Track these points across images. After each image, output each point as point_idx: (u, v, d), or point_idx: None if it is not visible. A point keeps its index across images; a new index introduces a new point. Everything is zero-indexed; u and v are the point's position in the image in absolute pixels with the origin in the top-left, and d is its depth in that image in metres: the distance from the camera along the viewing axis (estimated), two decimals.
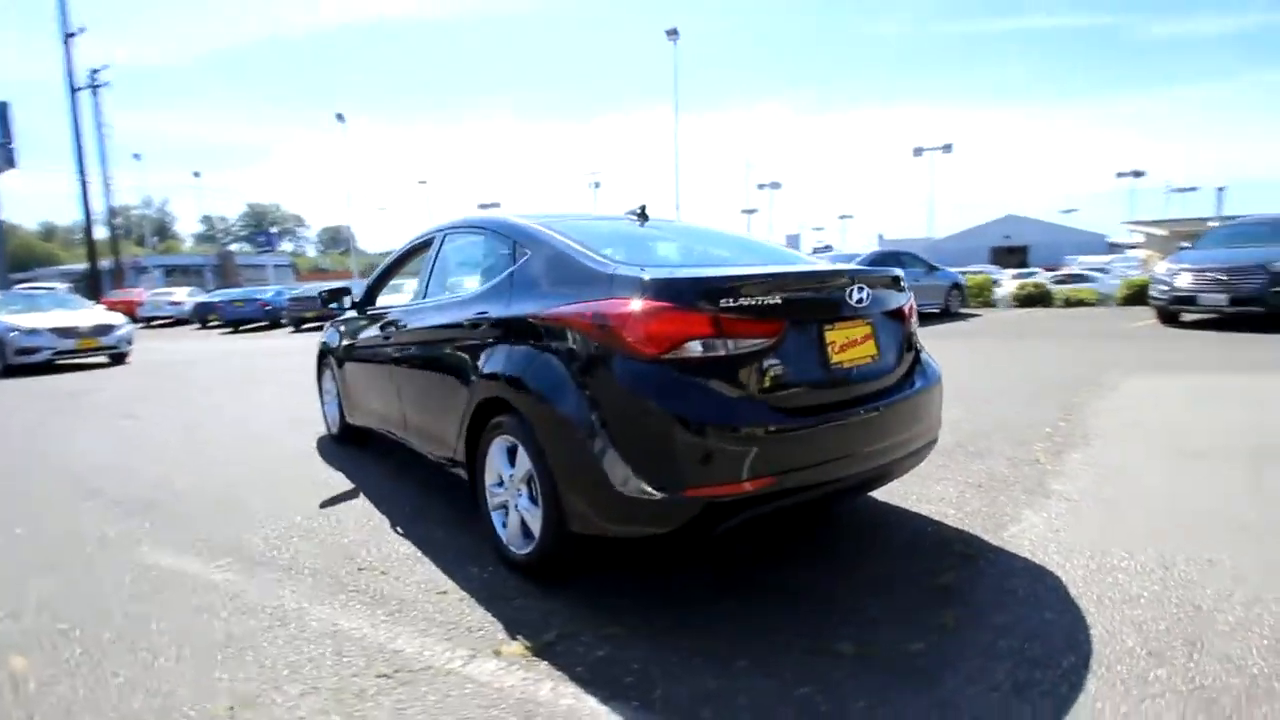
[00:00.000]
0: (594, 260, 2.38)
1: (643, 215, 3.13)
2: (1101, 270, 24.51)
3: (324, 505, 3.45)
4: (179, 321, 24.14)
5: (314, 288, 20.34)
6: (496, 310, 2.64)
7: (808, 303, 2.25)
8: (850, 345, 2.32)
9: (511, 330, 2.52)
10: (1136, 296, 13.94)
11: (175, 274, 39.94)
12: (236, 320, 20.32)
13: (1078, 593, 2.27)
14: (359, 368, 4.14)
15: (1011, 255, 48.53)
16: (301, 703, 1.85)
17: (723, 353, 2.03)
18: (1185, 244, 11.71)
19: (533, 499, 2.43)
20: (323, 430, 5.03)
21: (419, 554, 2.80)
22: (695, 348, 2.01)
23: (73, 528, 3.26)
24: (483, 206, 60.37)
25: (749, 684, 1.84)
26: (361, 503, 3.47)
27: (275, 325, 19.80)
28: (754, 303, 2.09)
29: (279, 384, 8.02)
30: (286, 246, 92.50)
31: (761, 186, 36.21)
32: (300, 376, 7.75)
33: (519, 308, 2.52)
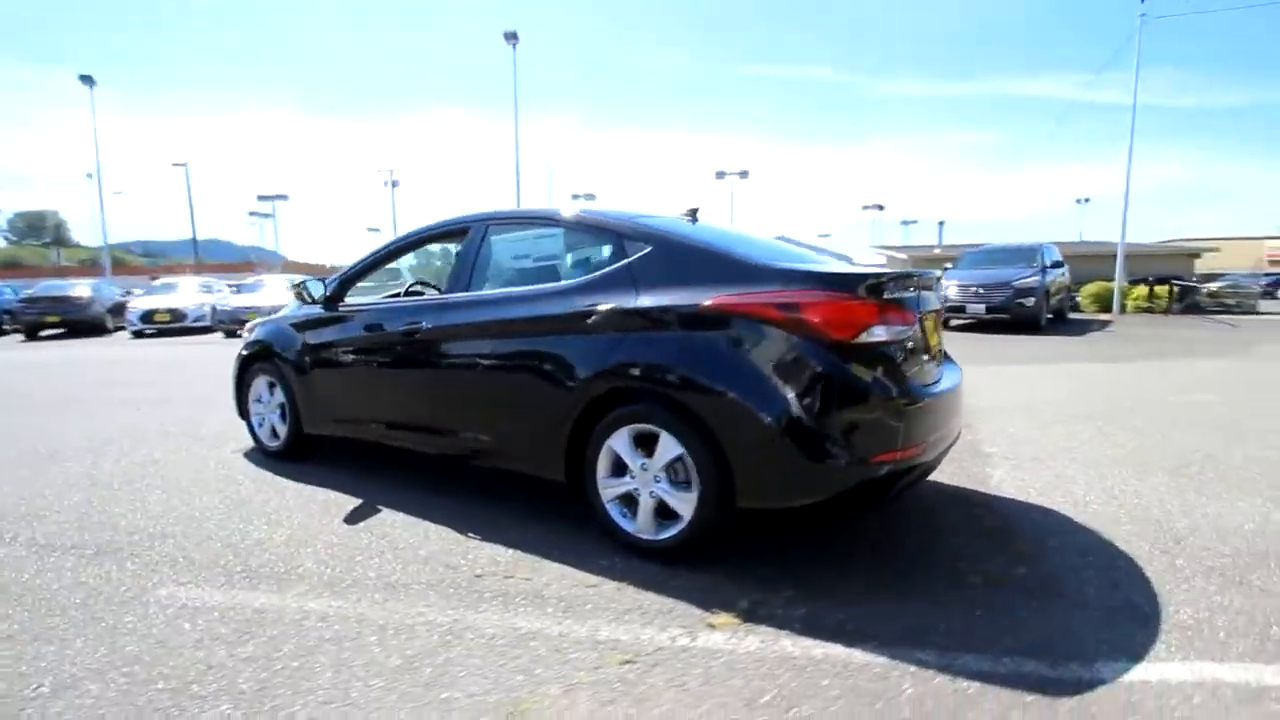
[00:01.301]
0: (738, 256, 2.57)
1: (693, 216, 3.34)
2: None
3: (350, 522, 3.09)
4: None
5: (58, 286, 16.39)
6: (618, 301, 2.67)
7: (921, 297, 2.69)
8: (934, 334, 2.81)
9: (651, 320, 2.59)
10: None
11: None
12: None
13: (1052, 504, 3.07)
14: (341, 370, 3.71)
15: None
16: (575, 699, 1.79)
17: (888, 338, 2.38)
18: (949, 264, 14.74)
19: (677, 483, 2.53)
20: (226, 448, 4.34)
21: (524, 554, 2.70)
22: (877, 332, 2.33)
23: (63, 580, 2.53)
24: (263, 199, 52.97)
25: (917, 608, 2.23)
26: (396, 515, 3.15)
27: None
28: (900, 296, 2.47)
29: (118, 403, 6.51)
30: None
31: (576, 197, 36.87)
32: (154, 391, 6.40)
33: (655, 298, 2.59)
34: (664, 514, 2.59)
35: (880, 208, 64.84)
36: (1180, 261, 24.04)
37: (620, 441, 2.65)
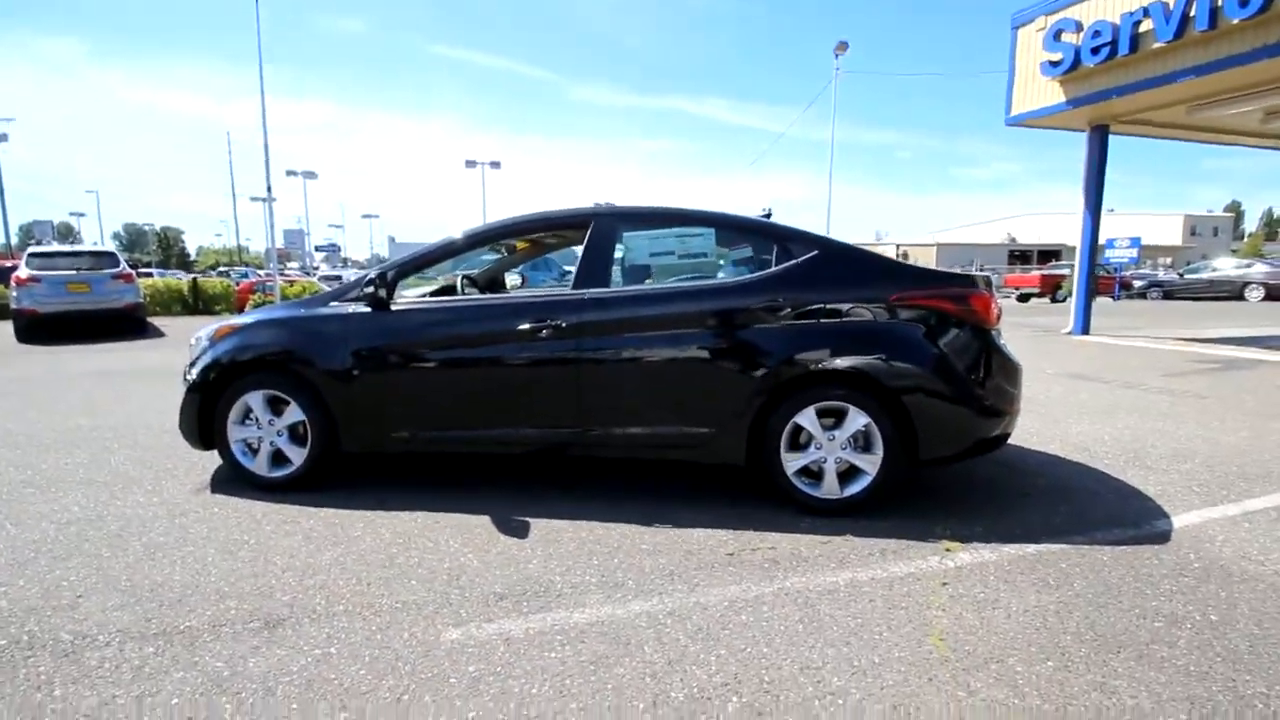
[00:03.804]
0: (889, 259, 3.15)
1: (768, 217, 3.81)
2: None
3: (518, 535, 2.88)
4: None
5: None
6: (799, 296, 3.04)
7: None
8: None
9: (837, 312, 3.02)
10: None
11: None
12: None
13: (1065, 452, 4.32)
14: (417, 375, 3.28)
15: None
16: (960, 613, 2.23)
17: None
18: None
19: (861, 448, 3.04)
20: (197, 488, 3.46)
21: (736, 532, 2.92)
22: (1001, 319, 3.14)
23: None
24: None
25: (1028, 516, 3.14)
26: (551, 524, 3.02)
27: None
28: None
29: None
30: None
31: (292, 174, 31.95)
32: None
33: (835, 294, 3.04)
34: (849, 476, 3.08)
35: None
36: None
37: (806, 418, 3.05)
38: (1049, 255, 45.88)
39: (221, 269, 41.17)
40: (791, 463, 3.09)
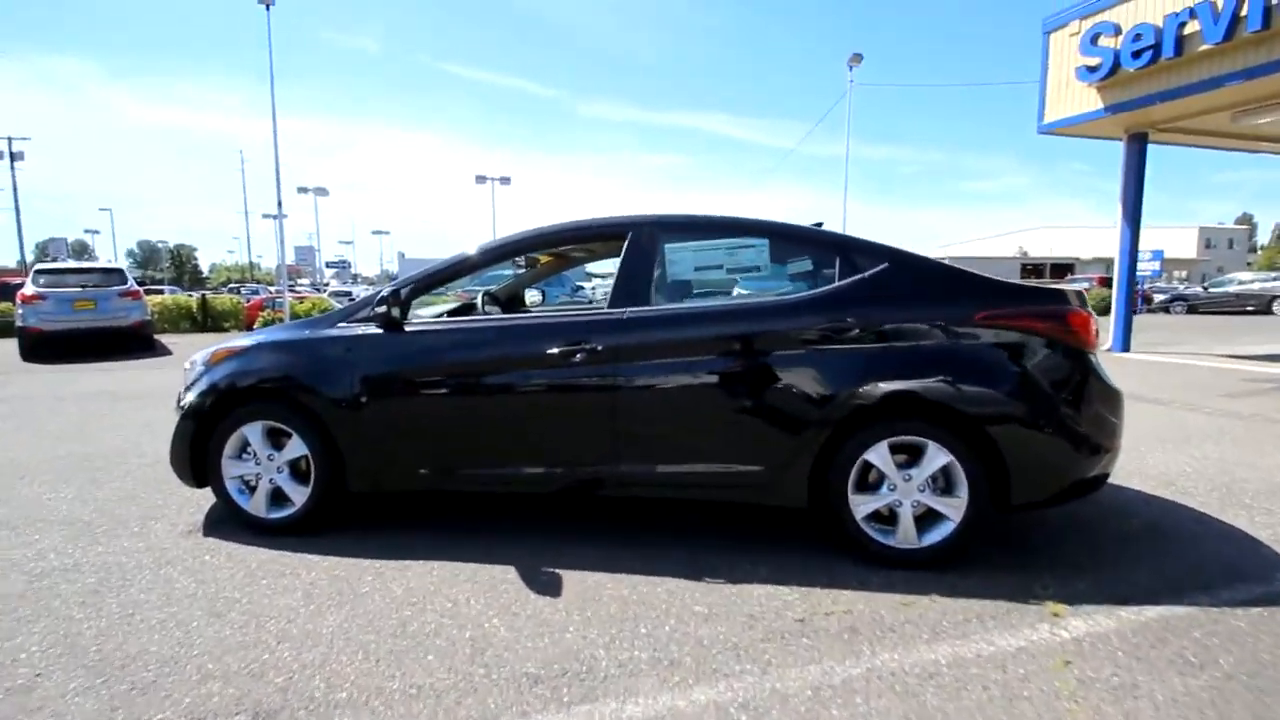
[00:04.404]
0: (972, 273, 2.77)
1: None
2: None
3: (550, 594, 2.50)
4: None
5: None
6: (868, 315, 2.66)
7: None
8: None
9: (913, 334, 2.64)
10: None
11: None
12: None
13: (1150, 487, 3.90)
14: (434, 404, 2.93)
15: None
16: (1089, 699, 1.82)
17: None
18: None
19: (941, 490, 2.64)
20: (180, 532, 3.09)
21: (803, 589, 2.52)
22: (1100, 339, 2.74)
23: None
24: None
25: (1147, 563, 2.73)
26: (595, 576, 2.64)
27: None
28: None
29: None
30: None
31: (304, 190, 32.00)
32: None
33: (910, 313, 2.66)
34: (927, 522, 2.67)
35: None
36: None
37: (877, 455, 2.66)
38: (1062, 269, 45.30)
39: (232, 285, 41.20)
40: (861, 506, 2.69)
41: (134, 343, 11.53)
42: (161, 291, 23.96)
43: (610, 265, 3.53)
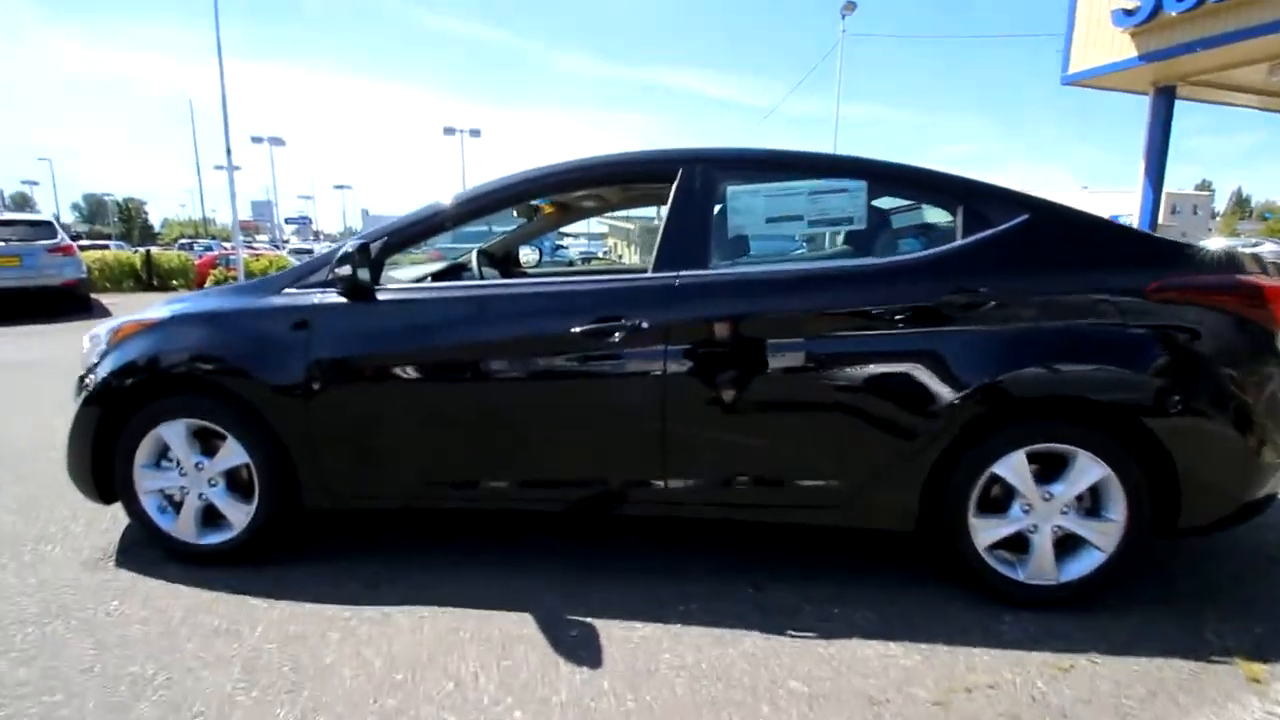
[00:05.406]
0: (1137, 229, 2.11)
1: None
2: None
3: (588, 663, 1.85)
4: None
5: None
6: (1003, 284, 2.00)
7: None
8: None
9: (1064, 309, 1.99)
10: None
11: None
12: None
13: None
14: (421, 396, 2.20)
15: None
16: None
17: None
18: None
19: (1087, 511, 2.05)
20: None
21: (918, 645, 1.91)
22: None
23: None
24: None
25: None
26: (642, 627, 1.99)
27: None
28: None
29: None
30: None
31: (258, 140, 29.78)
32: None
33: (1057, 281, 2.01)
34: (1069, 552, 2.08)
35: None
36: None
37: (1008, 467, 2.03)
38: None
39: (184, 242, 38.75)
40: (985, 532, 2.07)
41: (67, 304, 10.37)
42: (107, 248, 22.21)
43: (582, 225, 2.79)
